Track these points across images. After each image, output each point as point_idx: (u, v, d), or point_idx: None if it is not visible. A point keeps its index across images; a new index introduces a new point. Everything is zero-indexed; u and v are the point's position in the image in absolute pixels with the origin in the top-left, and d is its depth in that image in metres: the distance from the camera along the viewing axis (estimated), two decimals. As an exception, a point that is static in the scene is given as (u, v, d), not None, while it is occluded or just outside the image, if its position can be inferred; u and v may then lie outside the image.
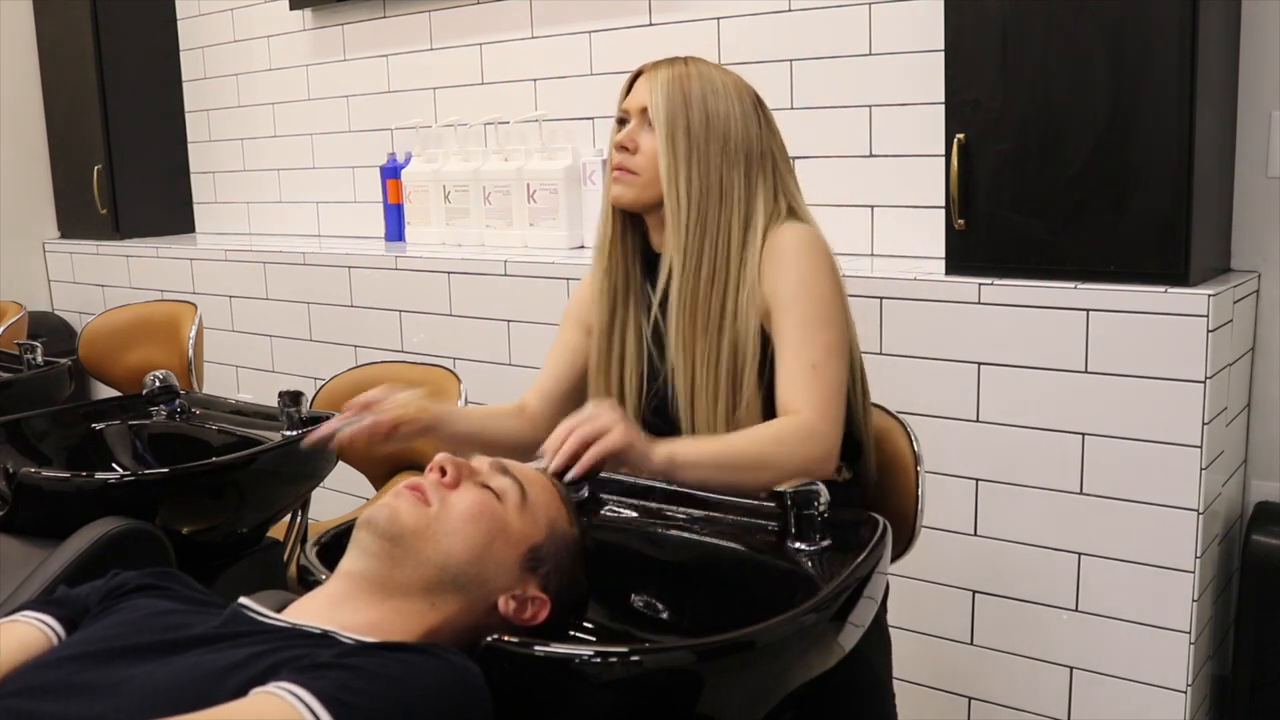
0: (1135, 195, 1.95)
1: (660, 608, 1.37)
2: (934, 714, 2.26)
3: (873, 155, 2.51)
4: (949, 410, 2.15)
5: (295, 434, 1.93)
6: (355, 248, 3.31)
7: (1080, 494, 2.04)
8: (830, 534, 1.29)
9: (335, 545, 1.25)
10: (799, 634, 1.10)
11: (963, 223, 2.11)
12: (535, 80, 3.08)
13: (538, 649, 1.04)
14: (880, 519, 1.30)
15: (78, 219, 4.24)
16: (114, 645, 1.00)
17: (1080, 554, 2.06)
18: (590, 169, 2.88)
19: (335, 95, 3.61)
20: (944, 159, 2.12)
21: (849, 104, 2.52)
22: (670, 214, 1.53)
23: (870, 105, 2.49)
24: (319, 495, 2.23)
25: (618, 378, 1.62)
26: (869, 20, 2.46)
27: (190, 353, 2.95)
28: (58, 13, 4.10)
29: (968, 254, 2.13)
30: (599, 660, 1.04)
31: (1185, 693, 1.99)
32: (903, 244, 2.48)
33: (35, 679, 0.98)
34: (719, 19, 2.68)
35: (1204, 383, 1.90)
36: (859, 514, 1.33)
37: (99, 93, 3.98)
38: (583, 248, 2.93)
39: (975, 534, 2.16)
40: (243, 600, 1.09)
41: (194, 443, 2.12)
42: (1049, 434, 2.05)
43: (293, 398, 1.96)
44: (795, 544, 1.29)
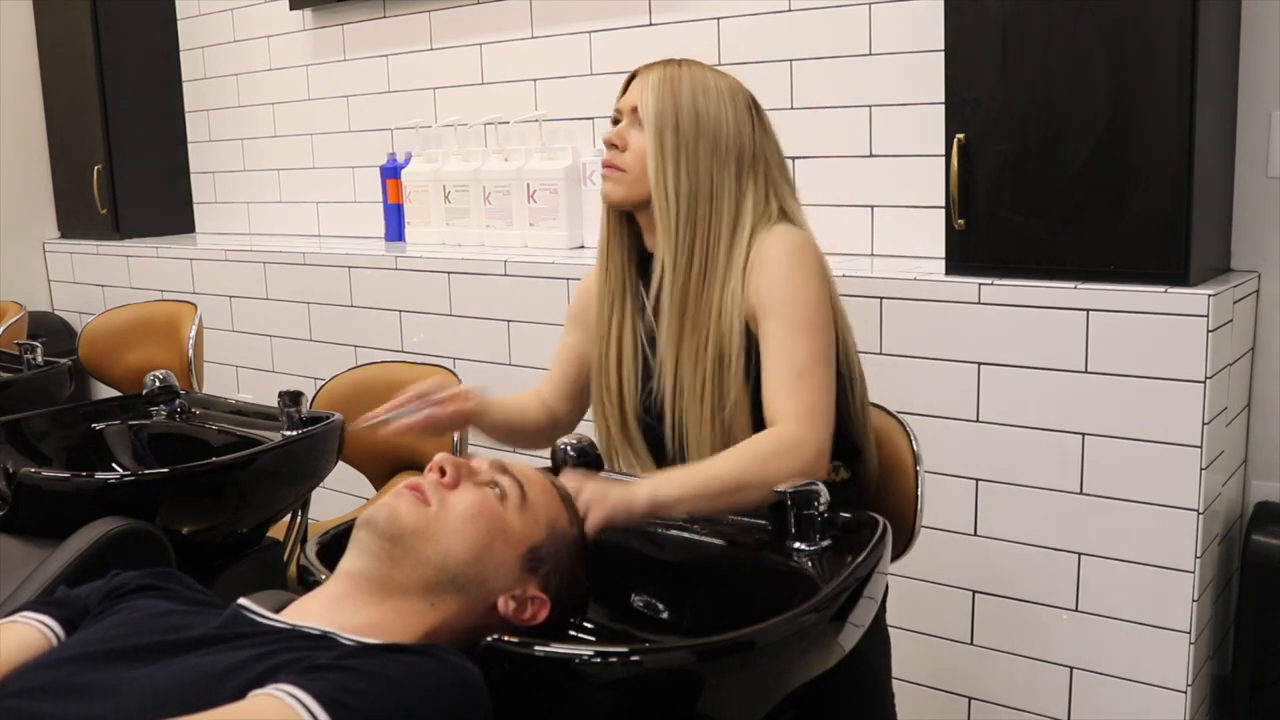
0: (1135, 195, 1.95)
1: (660, 608, 1.37)
2: (934, 714, 2.26)
3: (873, 155, 2.51)
4: (949, 410, 2.15)
5: (296, 434, 1.93)
6: (355, 248, 3.31)
7: (1080, 494, 2.04)
8: (830, 534, 1.29)
9: (335, 545, 1.25)
10: (799, 634, 1.10)
11: (963, 223, 2.11)
12: (535, 80, 3.08)
13: (538, 649, 1.04)
14: (880, 519, 1.30)
15: (78, 219, 4.24)
16: (114, 646, 1.00)
17: (1080, 554, 2.06)
18: (590, 169, 2.88)
19: (335, 95, 3.61)
20: (944, 159, 2.12)
21: (849, 104, 2.52)
22: (659, 213, 1.52)
23: (870, 105, 2.49)
24: (319, 495, 2.23)
25: (615, 377, 1.63)
26: (869, 20, 2.46)
27: (190, 353, 2.95)
28: (58, 13, 4.10)
29: (968, 254, 2.13)
30: (599, 660, 1.04)
31: (1185, 693, 1.99)
32: (903, 244, 2.48)
33: (35, 680, 0.98)
34: (719, 19, 2.68)
35: (1204, 383, 1.90)
36: (859, 514, 1.33)
37: (99, 93, 3.98)
38: (583, 248, 2.93)
39: (975, 534, 2.16)
40: (242, 601, 1.09)
41: (194, 443, 2.12)
42: (1049, 434, 2.05)
43: (293, 398, 1.96)
44: (795, 544, 1.29)
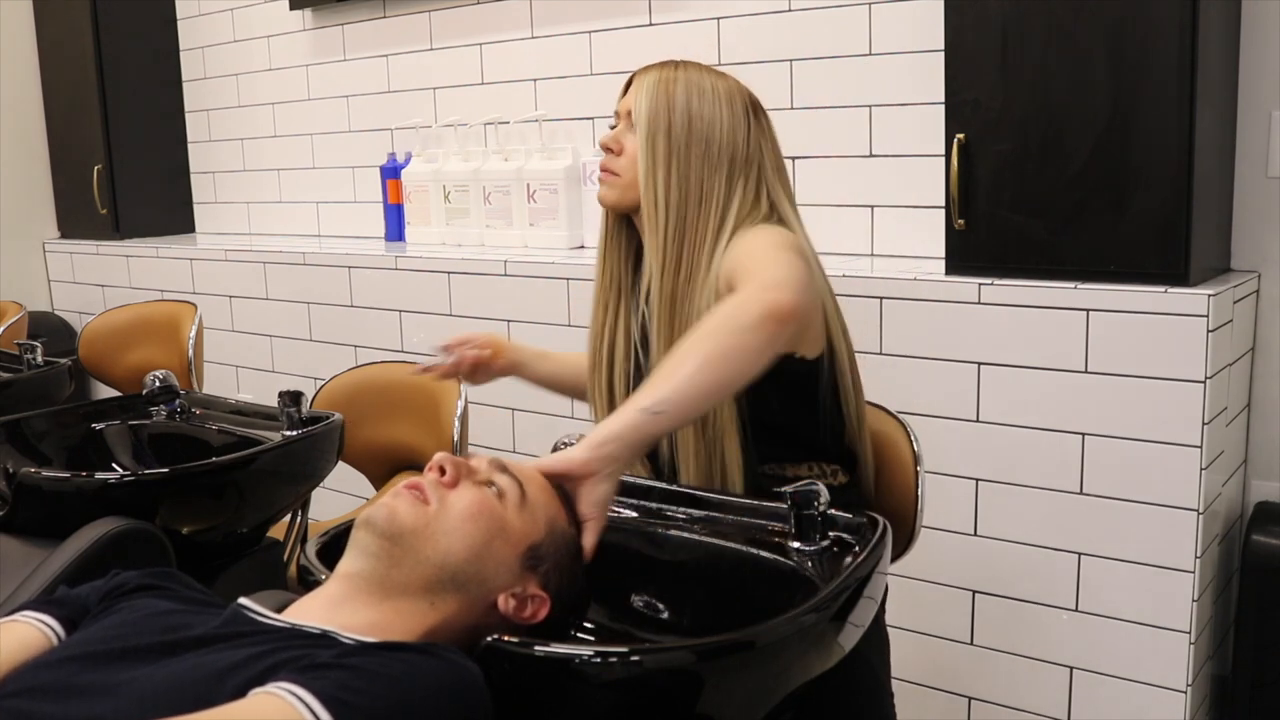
0: (1135, 195, 1.95)
1: (660, 608, 1.37)
2: (934, 714, 2.26)
3: (873, 155, 2.51)
4: (949, 410, 2.15)
5: (296, 434, 1.93)
6: (355, 248, 3.31)
7: (1080, 494, 2.04)
8: (830, 534, 1.29)
9: (335, 545, 1.25)
10: (799, 634, 1.10)
11: (963, 223, 2.11)
12: (535, 80, 3.08)
13: (538, 649, 1.04)
14: (880, 519, 1.30)
15: (78, 219, 4.23)
16: (114, 647, 1.00)
17: (1080, 554, 2.06)
18: (590, 169, 2.88)
19: (335, 95, 3.61)
20: (944, 159, 2.12)
21: (849, 104, 2.52)
22: (646, 217, 1.51)
23: (870, 105, 2.49)
24: (319, 495, 2.23)
25: (607, 376, 1.63)
26: (869, 20, 2.46)
27: (190, 353, 2.95)
28: (58, 13, 4.10)
29: (968, 254, 2.13)
30: (599, 660, 1.04)
31: (1185, 693, 1.99)
32: (903, 244, 2.48)
33: (34, 680, 0.98)
34: (719, 19, 2.68)
35: (1204, 383, 1.90)
36: (859, 514, 1.33)
37: (99, 93, 3.98)
38: (582, 248, 2.93)
39: (975, 534, 2.16)
40: (242, 600, 1.09)
41: (194, 443, 2.12)
42: (1049, 434, 2.05)
43: (293, 398, 1.96)
44: (795, 544, 1.29)
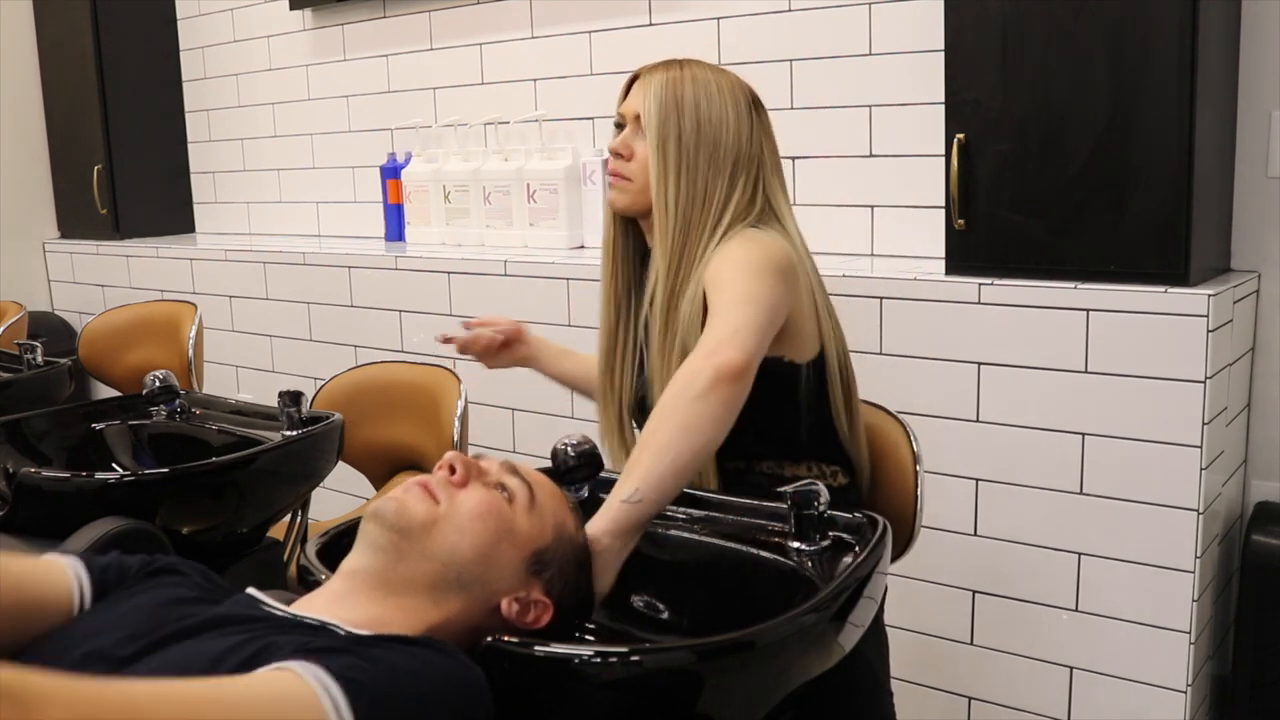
0: (1135, 195, 1.95)
1: (660, 608, 1.37)
2: (934, 714, 2.26)
3: (873, 155, 2.51)
4: (949, 410, 2.15)
5: (295, 434, 1.93)
6: (355, 248, 3.31)
7: (1080, 494, 2.04)
8: (830, 534, 1.29)
9: (335, 545, 1.25)
10: (799, 634, 1.10)
11: (963, 223, 2.11)
12: (535, 80, 3.08)
13: (538, 649, 1.04)
14: (880, 519, 1.30)
15: (78, 219, 4.23)
16: (126, 652, 0.99)
17: (1080, 554, 2.06)
18: (590, 169, 2.88)
19: (335, 95, 3.61)
20: (944, 159, 2.12)
21: (849, 104, 2.52)
22: (658, 221, 1.52)
23: (870, 105, 2.49)
24: (319, 495, 2.23)
25: (619, 378, 1.63)
26: (869, 20, 2.46)
27: (190, 353, 2.95)
28: (58, 13, 4.10)
29: (968, 254, 2.13)
30: (599, 660, 1.04)
31: (1185, 693, 1.99)
32: (903, 244, 2.48)
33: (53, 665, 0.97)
34: (719, 19, 2.68)
35: (1204, 383, 1.90)
36: (859, 514, 1.33)
37: (99, 93, 3.98)
38: (583, 248, 2.93)
39: (975, 534, 2.16)
40: (251, 590, 1.08)
41: (194, 443, 2.12)
42: (1049, 434, 2.05)
43: (293, 398, 1.96)
44: (795, 544, 1.29)
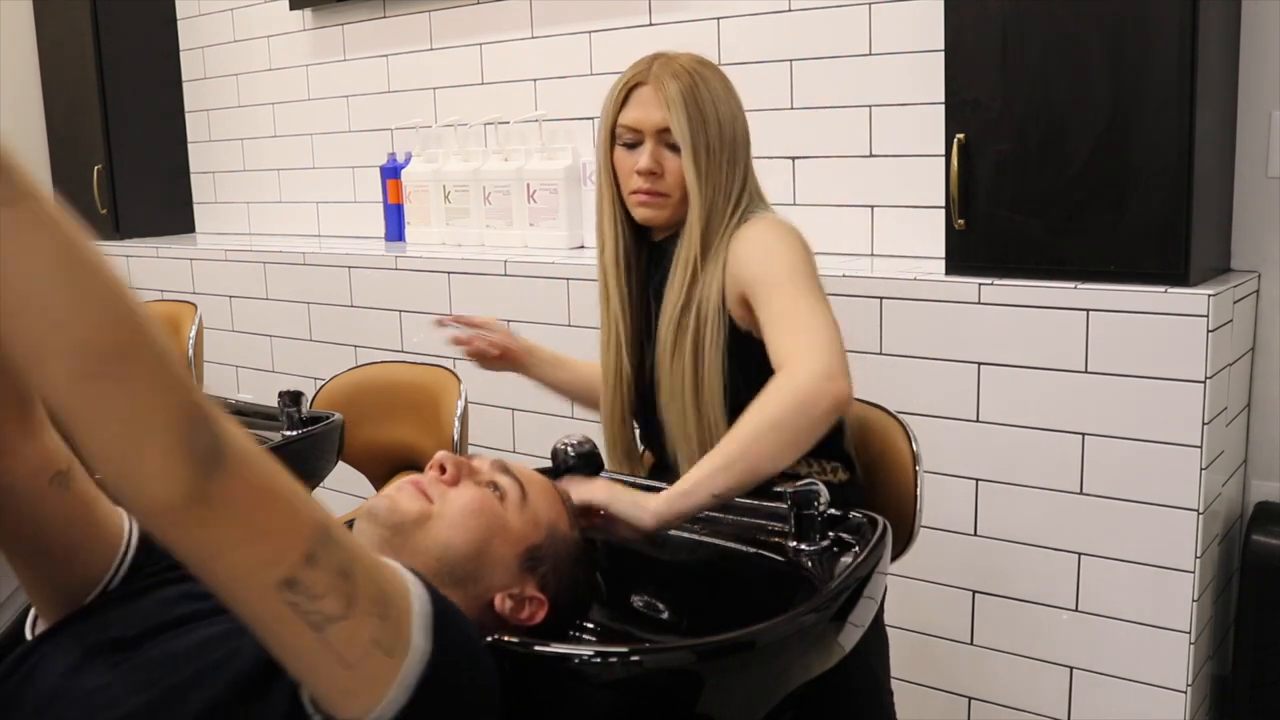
0: (1135, 195, 1.95)
1: (660, 608, 1.37)
2: (934, 714, 2.26)
3: (873, 155, 2.51)
4: (949, 410, 2.15)
5: (295, 434, 1.93)
6: (355, 248, 3.31)
7: (1080, 494, 2.04)
8: (830, 534, 1.29)
9: (335, 545, 1.25)
10: (799, 634, 1.10)
11: (963, 223, 2.11)
12: (535, 80, 3.08)
13: (538, 649, 1.04)
14: (880, 519, 1.30)
15: (77, 219, 4.22)
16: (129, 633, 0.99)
17: (1080, 554, 2.06)
18: (590, 169, 2.88)
19: (335, 95, 3.61)
20: (944, 159, 2.12)
21: (849, 104, 2.52)
22: (695, 223, 1.55)
23: (870, 105, 2.49)
24: (319, 495, 2.22)
25: (632, 383, 1.66)
26: (869, 20, 2.46)
27: (190, 353, 2.95)
28: (58, 13, 4.10)
29: (968, 254, 2.13)
30: (599, 660, 1.04)
31: (1185, 693, 1.99)
32: (903, 244, 2.48)
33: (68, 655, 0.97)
34: (719, 19, 2.68)
35: (1204, 383, 1.90)
36: (859, 514, 1.33)
37: (99, 93, 3.98)
38: (582, 248, 2.93)
39: (975, 534, 2.16)
40: None
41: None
42: (1049, 434, 2.05)
43: (293, 398, 1.96)
44: (795, 544, 1.29)
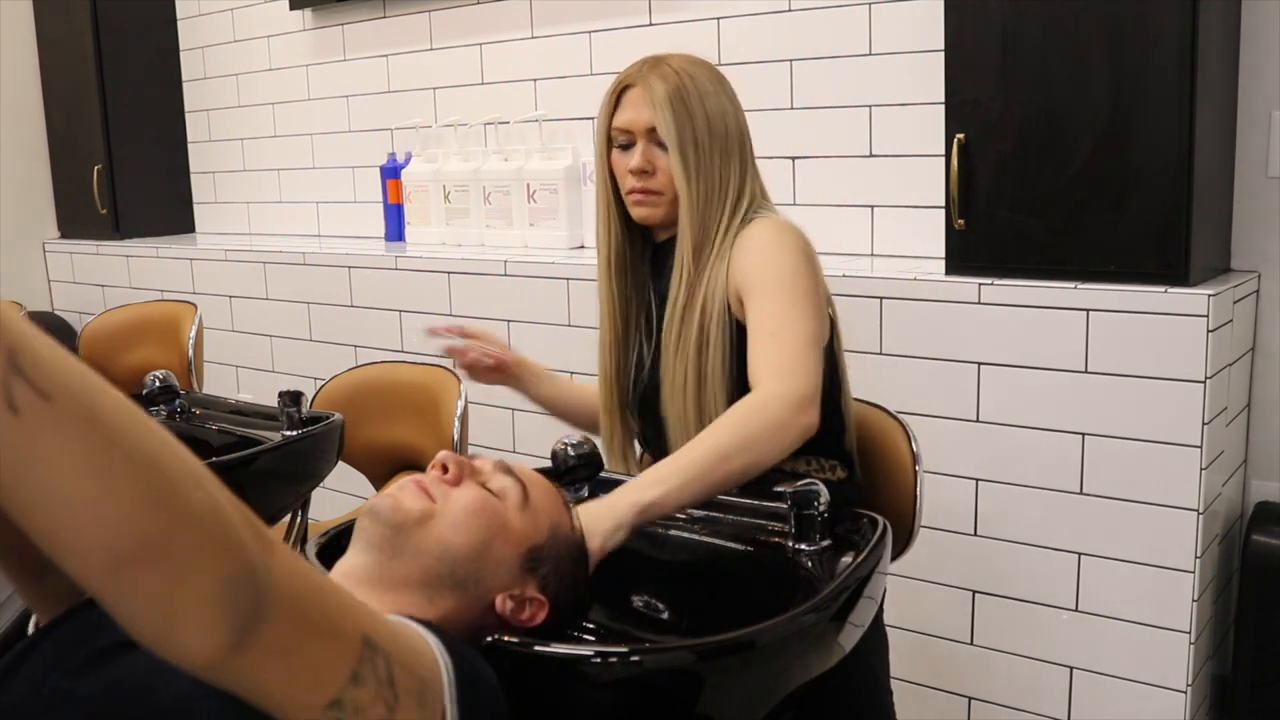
0: (1135, 195, 1.95)
1: (660, 608, 1.37)
2: (934, 714, 2.26)
3: (873, 155, 2.51)
4: (949, 410, 2.15)
5: (296, 434, 1.93)
6: (355, 248, 3.31)
7: (1080, 494, 2.04)
8: (830, 534, 1.29)
9: (335, 545, 1.25)
10: (799, 634, 1.10)
11: (963, 223, 2.11)
12: (535, 80, 3.08)
13: (538, 649, 1.04)
14: (880, 519, 1.30)
15: (78, 219, 4.23)
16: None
17: (1080, 554, 2.06)
18: (590, 169, 2.88)
19: (335, 95, 3.61)
20: (944, 159, 2.12)
21: (849, 104, 2.52)
22: (686, 219, 1.55)
23: (870, 105, 2.49)
24: (319, 495, 2.23)
25: (624, 382, 1.65)
26: (869, 20, 2.46)
27: (190, 353, 2.95)
28: (58, 13, 4.10)
29: (968, 254, 2.13)
30: (599, 660, 1.04)
31: (1185, 693, 1.99)
32: (903, 244, 2.48)
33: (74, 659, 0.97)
34: (719, 19, 2.68)
35: (1204, 383, 1.90)
36: (859, 514, 1.33)
37: (99, 93, 3.98)
38: (582, 248, 2.93)
39: (975, 534, 2.16)
40: None
41: (194, 443, 2.09)
42: (1049, 434, 2.05)
43: (293, 398, 1.96)
44: (795, 544, 1.29)
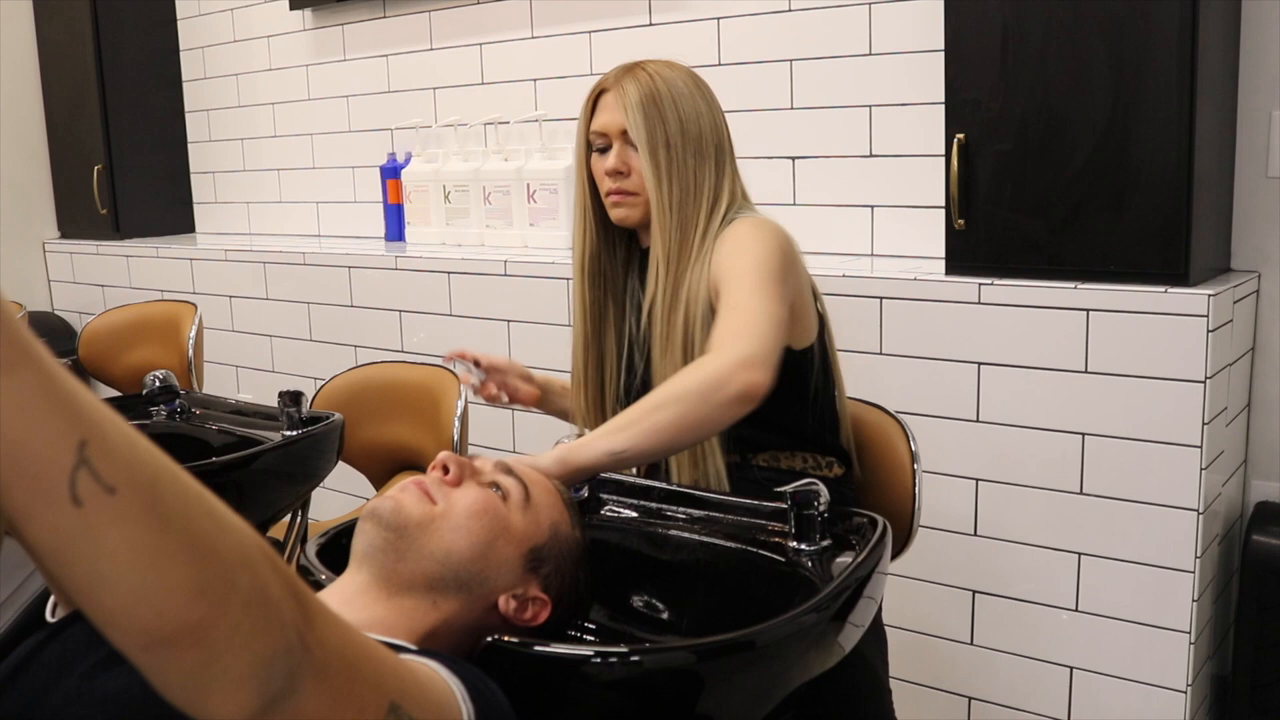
0: (1135, 195, 1.95)
1: (660, 608, 1.37)
2: (934, 714, 2.26)
3: (873, 155, 2.51)
4: (949, 410, 2.15)
5: (296, 434, 1.93)
6: (355, 248, 3.31)
7: (1080, 494, 2.04)
8: (830, 534, 1.29)
9: (335, 545, 1.25)
10: (799, 634, 1.10)
11: (963, 223, 2.11)
12: (535, 80, 3.08)
13: (538, 649, 1.04)
14: (880, 519, 1.30)
15: (78, 219, 4.23)
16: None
17: (1080, 554, 2.06)
18: (590, 169, 2.88)
19: (335, 95, 3.61)
20: (944, 159, 2.12)
21: (849, 104, 2.52)
22: (658, 223, 1.57)
23: (870, 105, 2.49)
24: (319, 495, 2.23)
25: (596, 382, 1.66)
26: (869, 20, 2.46)
27: (190, 353, 2.95)
28: (58, 13, 4.10)
29: (968, 254, 2.13)
30: (599, 660, 1.04)
31: (1185, 693, 1.99)
32: (903, 244, 2.48)
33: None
34: (719, 19, 2.68)
35: (1204, 383, 1.90)
36: (859, 514, 1.33)
37: (99, 93, 3.98)
38: (583, 248, 2.92)
39: (975, 534, 2.16)
40: None
41: (194, 443, 2.12)
42: (1049, 434, 2.05)
43: (293, 398, 1.96)
44: (795, 544, 1.29)
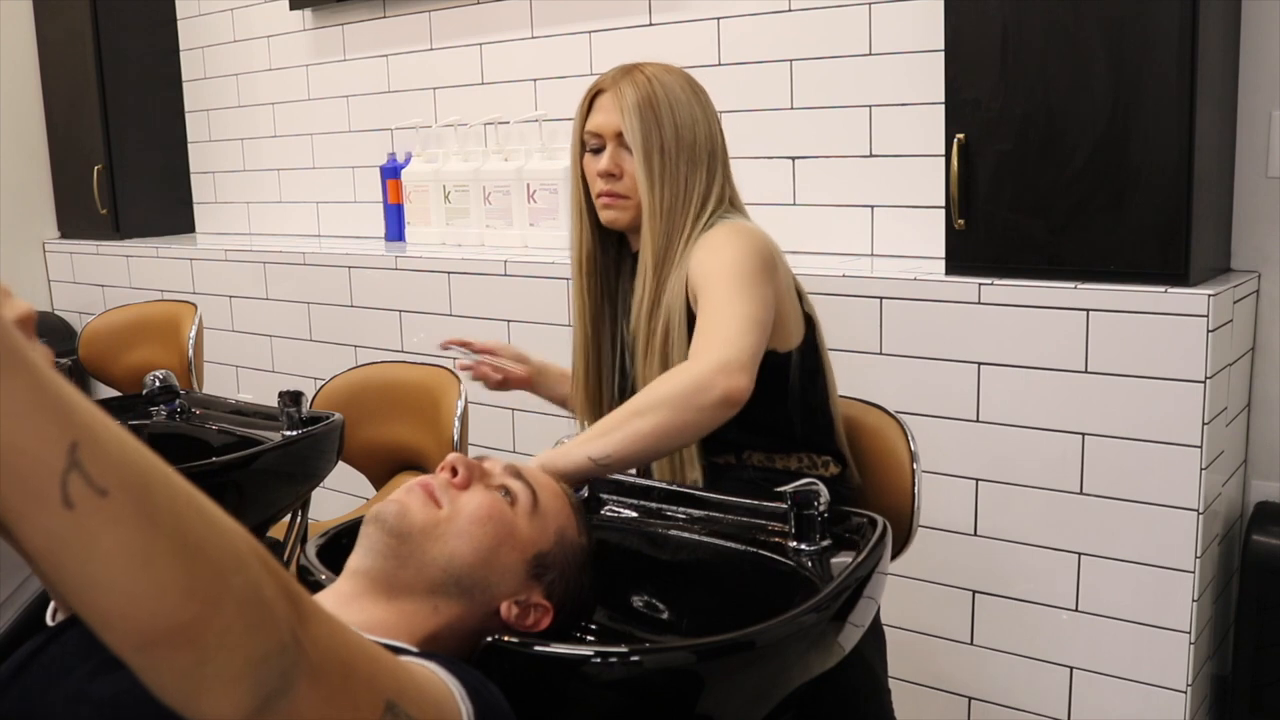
0: (1135, 195, 1.95)
1: (660, 608, 1.37)
2: (934, 714, 2.26)
3: (873, 155, 2.51)
4: (949, 410, 2.15)
5: (295, 434, 1.93)
6: (355, 248, 3.31)
7: (1080, 494, 2.04)
8: (830, 534, 1.29)
9: (335, 545, 1.25)
10: (799, 634, 1.10)
11: (963, 223, 2.11)
12: (535, 80, 3.08)
13: (537, 649, 1.04)
14: (880, 519, 1.30)
15: (78, 219, 4.23)
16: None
17: (1080, 554, 2.06)
18: (590, 169, 2.88)
19: (335, 95, 3.61)
20: (944, 159, 2.12)
21: (849, 104, 2.52)
22: (648, 226, 1.57)
23: (870, 105, 2.49)
24: (319, 495, 2.23)
25: (595, 380, 1.66)
26: (869, 20, 2.46)
27: (190, 353, 2.95)
28: (58, 13, 4.10)
29: (968, 254, 2.13)
30: (599, 660, 1.03)
31: (1185, 693, 1.99)
32: (903, 244, 2.48)
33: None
34: (719, 19, 2.68)
35: (1204, 383, 1.90)
36: (859, 514, 1.33)
37: (99, 93, 3.98)
38: (583, 248, 2.93)
39: (975, 534, 2.16)
40: None
41: (194, 443, 2.12)
42: (1049, 434, 2.05)
43: (293, 398, 1.96)
44: (795, 544, 1.29)
